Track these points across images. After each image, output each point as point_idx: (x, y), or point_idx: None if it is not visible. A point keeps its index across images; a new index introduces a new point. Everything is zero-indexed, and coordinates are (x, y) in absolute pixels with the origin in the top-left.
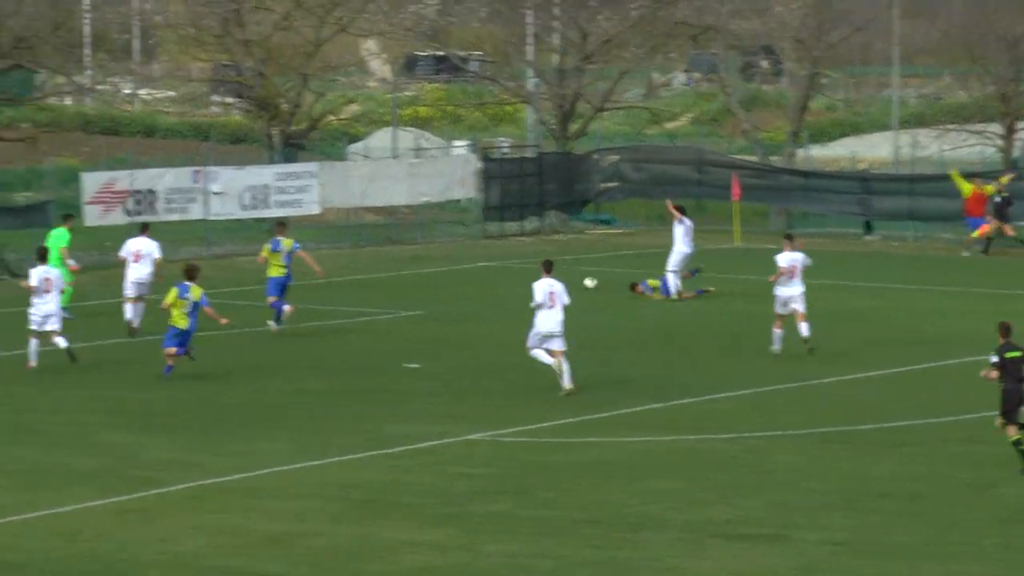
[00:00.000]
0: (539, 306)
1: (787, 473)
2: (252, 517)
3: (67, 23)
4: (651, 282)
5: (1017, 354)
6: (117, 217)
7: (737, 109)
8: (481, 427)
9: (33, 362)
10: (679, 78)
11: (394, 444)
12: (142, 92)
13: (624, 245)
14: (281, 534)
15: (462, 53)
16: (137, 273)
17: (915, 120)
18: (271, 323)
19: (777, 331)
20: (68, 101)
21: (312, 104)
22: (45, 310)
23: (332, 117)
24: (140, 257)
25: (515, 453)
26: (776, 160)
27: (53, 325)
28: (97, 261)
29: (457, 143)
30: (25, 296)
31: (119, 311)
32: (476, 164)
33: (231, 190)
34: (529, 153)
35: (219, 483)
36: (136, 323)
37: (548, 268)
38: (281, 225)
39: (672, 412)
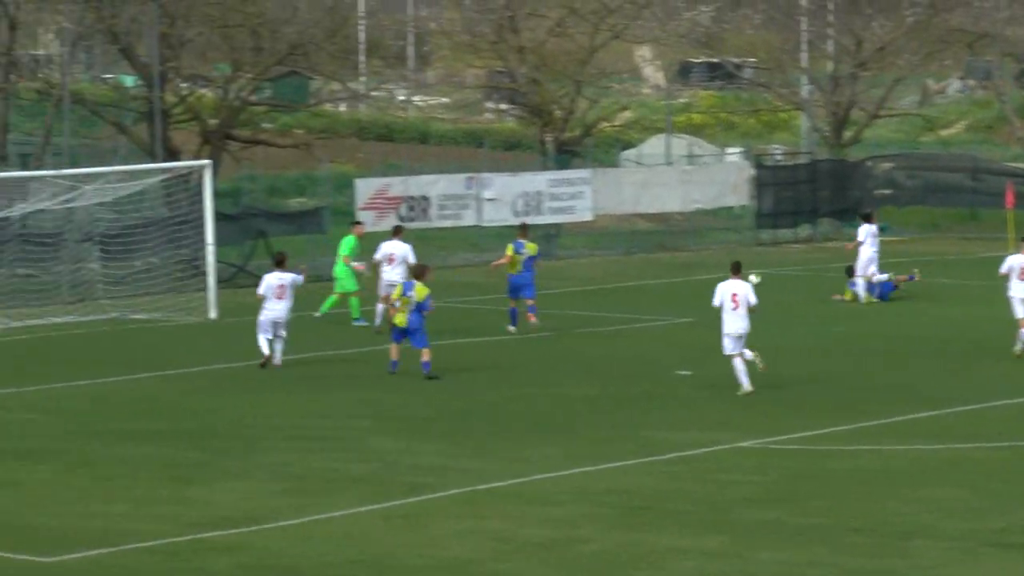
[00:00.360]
0: (721, 308)
1: None
2: (522, 523)
3: (342, 30)
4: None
5: None
6: (391, 223)
7: (1012, 116)
8: (752, 435)
9: (274, 359)
10: (954, 85)
11: (665, 451)
12: (416, 98)
13: (897, 252)
14: (551, 540)
15: (736, 60)
16: (391, 276)
17: None
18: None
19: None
20: (343, 107)
21: (586, 110)
22: (274, 316)
23: (605, 124)
24: (393, 260)
25: (786, 461)
26: None
27: (281, 332)
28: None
29: (730, 150)
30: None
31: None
32: (749, 171)
33: (504, 196)
34: (802, 160)
35: (489, 489)
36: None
37: (736, 270)
38: (524, 228)
39: (945, 420)
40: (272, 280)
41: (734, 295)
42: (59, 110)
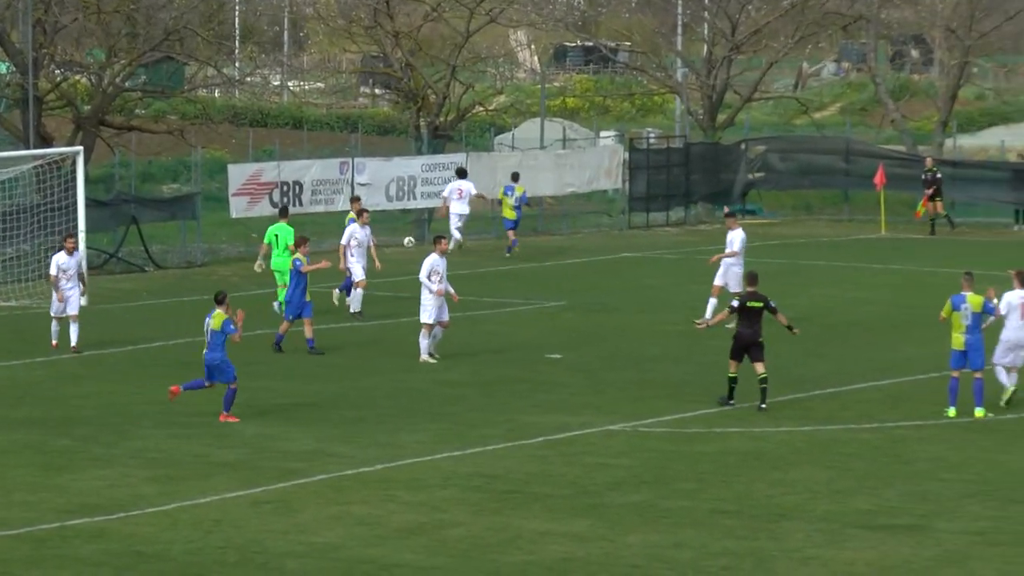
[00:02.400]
0: (1004, 317)
1: (928, 463)
2: (391, 508)
3: (217, 16)
4: None
5: (758, 304)
6: (263, 209)
7: (886, 99)
8: (621, 418)
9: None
10: (828, 68)
11: (534, 435)
12: (291, 84)
13: (770, 235)
14: (420, 525)
15: (611, 44)
16: (459, 208)
17: None
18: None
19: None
20: (217, 93)
21: (460, 95)
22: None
23: (480, 108)
24: (463, 194)
25: (655, 444)
26: (924, 150)
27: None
28: (242, 253)
29: (604, 134)
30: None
31: (267, 301)
32: (623, 155)
33: (378, 181)
34: (676, 144)
35: (359, 474)
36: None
37: (1022, 278)
38: (515, 175)
39: (813, 402)
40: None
41: (1022, 305)
42: None
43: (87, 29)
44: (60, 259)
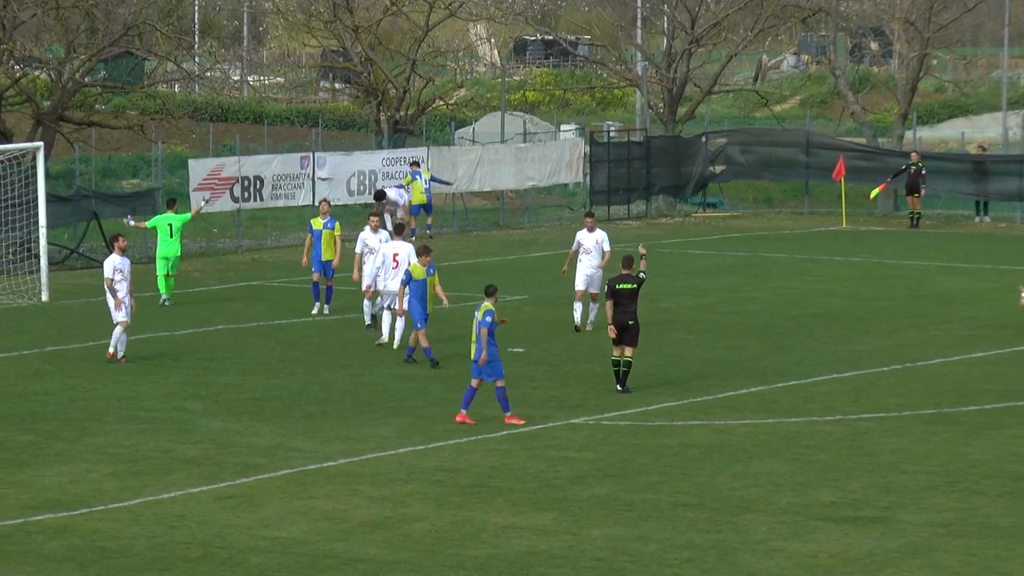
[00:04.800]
0: None
1: (891, 455)
2: (354, 502)
3: (176, 10)
4: None
5: (629, 286)
6: (224, 204)
7: (846, 91)
8: (584, 411)
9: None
10: (788, 60)
11: (498, 428)
12: (251, 79)
13: (731, 228)
14: (383, 519)
15: (571, 37)
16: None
17: None
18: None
19: None
20: (177, 88)
21: (420, 89)
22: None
23: (440, 102)
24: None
25: (618, 437)
26: (885, 142)
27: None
28: (204, 248)
29: (565, 127)
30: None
31: (228, 298)
32: (583, 148)
33: (338, 176)
34: (637, 137)
35: (321, 468)
36: None
37: None
38: (416, 163)
39: (776, 395)
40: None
41: None
42: None
43: (46, 24)
44: (116, 261)
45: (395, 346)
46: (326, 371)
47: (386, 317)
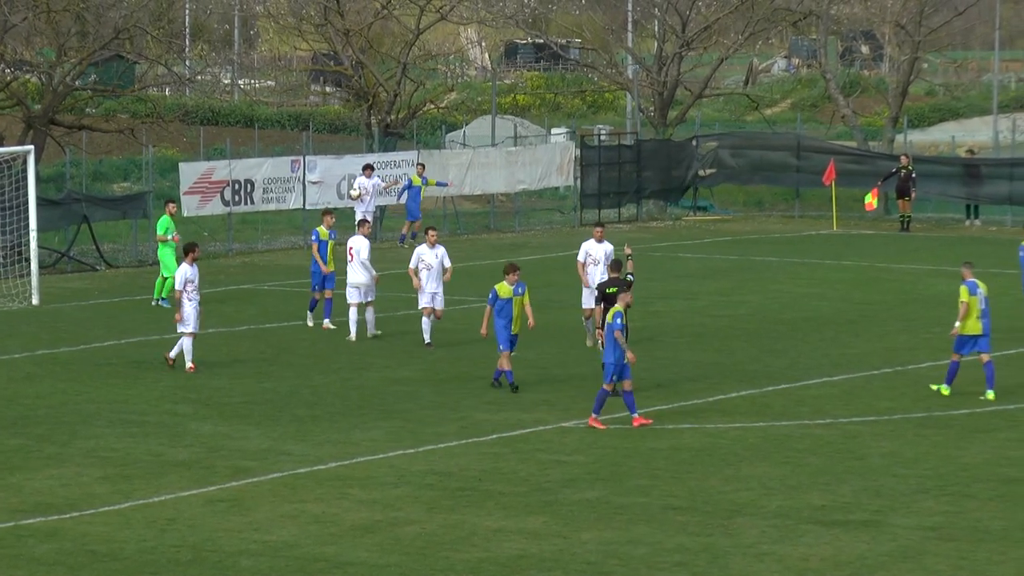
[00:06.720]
0: None
1: (881, 459)
2: (344, 506)
3: (167, 14)
4: None
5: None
6: (215, 207)
7: (837, 95)
8: (575, 415)
9: None
10: (779, 64)
11: (488, 432)
12: (241, 82)
13: (722, 232)
14: (373, 523)
15: (562, 41)
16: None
17: (1015, 104)
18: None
19: None
20: (168, 92)
21: (411, 93)
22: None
23: (431, 105)
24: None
25: (609, 440)
26: (875, 145)
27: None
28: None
29: (556, 131)
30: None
31: (219, 301)
32: (574, 151)
33: (329, 179)
34: (627, 140)
35: (312, 472)
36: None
37: None
38: (421, 165)
39: (767, 398)
40: None
41: None
42: None
43: (37, 28)
44: (187, 271)
45: (368, 334)
46: (317, 374)
47: (352, 313)
